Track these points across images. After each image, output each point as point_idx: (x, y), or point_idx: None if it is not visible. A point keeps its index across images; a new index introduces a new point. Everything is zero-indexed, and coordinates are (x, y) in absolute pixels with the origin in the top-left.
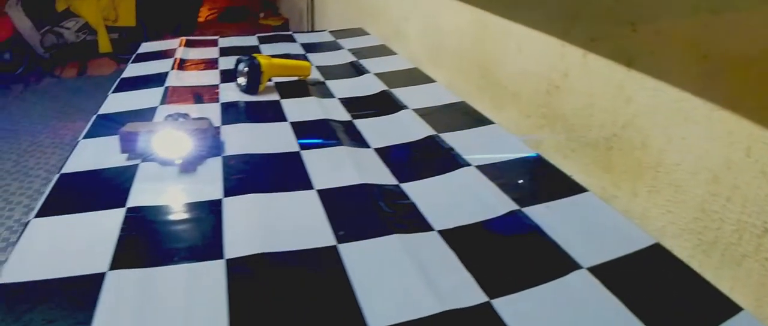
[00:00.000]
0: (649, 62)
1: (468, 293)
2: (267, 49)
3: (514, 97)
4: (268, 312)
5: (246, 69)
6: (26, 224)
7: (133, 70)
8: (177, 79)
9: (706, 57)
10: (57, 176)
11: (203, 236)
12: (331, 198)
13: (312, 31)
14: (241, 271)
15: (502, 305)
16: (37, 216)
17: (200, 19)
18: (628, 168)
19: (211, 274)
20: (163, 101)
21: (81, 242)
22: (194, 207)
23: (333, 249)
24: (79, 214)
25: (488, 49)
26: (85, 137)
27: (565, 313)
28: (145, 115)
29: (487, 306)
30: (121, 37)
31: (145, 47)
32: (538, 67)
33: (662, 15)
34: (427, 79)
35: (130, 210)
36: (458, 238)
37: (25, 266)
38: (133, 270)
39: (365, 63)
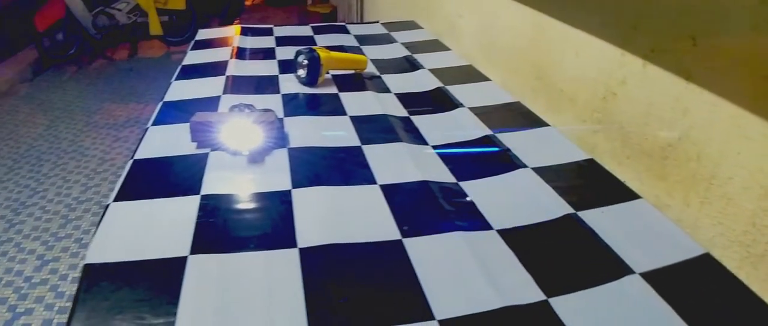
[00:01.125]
0: (708, 77)
1: (527, 291)
2: (321, 39)
3: (570, 101)
4: (341, 299)
5: (306, 62)
6: (106, 207)
7: (192, 57)
8: (236, 68)
9: (766, 78)
10: (130, 162)
11: (276, 225)
12: (394, 194)
13: (362, 22)
14: (313, 260)
15: (559, 304)
16: (116, 200)
17: (247, 3)
18: (682, 179)
19: (287, 261)
20: (225, 90)
21: (160, 226)
22: (265, 196)
23: (398, 243)
24: (156, 200)
25: (545, 51)
26: (154, 124)
27: (619, 316)
28: (209, 103)
29: (545, 304)
30: (171, 19)
31: (202, 34)
32: (596, 72)
33: (723, 32)
34: (482, 77)
35: (204, 197)
36: (516, 238)
37: (109, 248)
38: (212, 255)
39: (419, 58)
